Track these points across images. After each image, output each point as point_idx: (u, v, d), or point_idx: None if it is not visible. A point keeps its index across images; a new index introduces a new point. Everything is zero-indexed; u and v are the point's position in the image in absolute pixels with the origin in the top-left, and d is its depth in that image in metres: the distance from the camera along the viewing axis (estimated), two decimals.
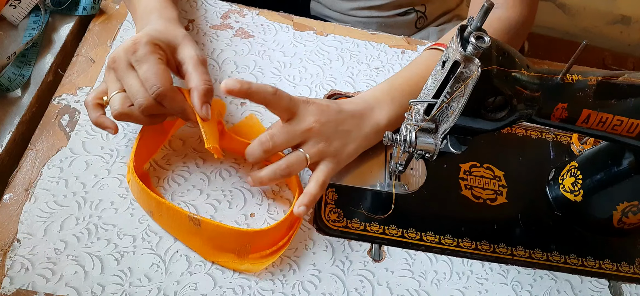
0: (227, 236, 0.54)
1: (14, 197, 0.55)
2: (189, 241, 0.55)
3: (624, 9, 1.66)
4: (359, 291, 0.55)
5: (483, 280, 0.58)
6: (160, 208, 0.55)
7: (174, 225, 0.55)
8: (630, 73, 0.51)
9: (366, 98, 0.62)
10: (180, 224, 0.55)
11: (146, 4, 0.62)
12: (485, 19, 0.45)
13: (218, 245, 0.55)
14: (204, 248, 0.55)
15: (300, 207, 0.55)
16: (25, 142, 0.60)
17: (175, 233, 0.55)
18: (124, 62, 0.53)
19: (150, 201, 0.55)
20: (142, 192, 0.55)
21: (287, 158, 0.57)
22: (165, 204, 0.54)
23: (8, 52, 0.64)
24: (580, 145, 0.70)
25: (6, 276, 0.50)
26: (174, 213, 0.54)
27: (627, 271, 0.61)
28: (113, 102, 0.54)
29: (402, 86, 0.63)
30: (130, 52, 0.53)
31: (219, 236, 0.54)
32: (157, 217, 0.56)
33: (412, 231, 0.60)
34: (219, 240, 0.54)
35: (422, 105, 0.53)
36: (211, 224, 0.54)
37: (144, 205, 0.56)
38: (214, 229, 0.54)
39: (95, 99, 0.56)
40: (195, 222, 0.53)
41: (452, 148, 0.53)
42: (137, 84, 0.53)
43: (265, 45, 0.73)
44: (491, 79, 0.48)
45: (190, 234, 0.55)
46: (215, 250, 0.55)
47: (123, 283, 0.52)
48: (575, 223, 0.64)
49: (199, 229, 0.54)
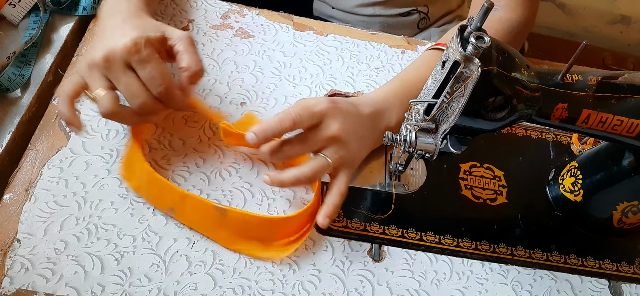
0: (253, 224, 0.55)
1: (14, 197, 0.55)
2: (213, 232, 0.56)
3: (624, 9, 1.66)
4: (359, 291, 0.55)
5: (483, 280, 0.58)
6: (185, 202, 0.55)
7: (199, 218, 0.56)
8: (630, 73, 0.51)
9: (377, 101, 0.62)
10: (205, 216, 0.55)
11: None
12: (485, 19, 0.45)
13: (243, 234, 0.55)
14: (229, 238, 0.55)
15: (325, 218, 0.56)
16: (25, 142, 0.60)
17: (199, 227, 0.56)
18: (121, 63, 0.52)
19: (173, 196, 0.55)
20: (165, 188, 0.55)
21: (311, 164, 0.57)
22: (191, 196, 0.55)
23: (8, 52, 0.64)
24: (580, 145, 0.70)
25: (6, 276, 0.50)
26: (200, 205, 0.55)
27: (627, 271, 0.61)
28: (104, 100, 0.53)
29: (411, 89, 0.63)
30: (131, 53, 0.52)
31: (244, 225, 0.55)
32: (179, 212, 0.56)
33: (412, 231, 0.60)
34: (245, 229, 0.55)
35: (422, 105, 0.53)
36: (237, 213, 0.55)
37: (163, 202, 0.56)
38: (241, 217, 0.55)
39: (73, 95, 0.55)
40: (221, 212, 0.54)
41: (452, 148, 0.53)
42: (137, 84, 0.53)
43: (265, 45, 0.73)
44: (491, 79, 0.48)
45: (215, 225, 0.55)
46: (240, 238, 0.55)
47: (123, 283, 0.52)
48: (575, 223, 0.64)
49: (224, 219, 0.55)
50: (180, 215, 0.56)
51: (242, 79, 0.69)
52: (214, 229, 0.56)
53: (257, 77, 0.70)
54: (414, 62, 0.68)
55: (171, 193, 0.56)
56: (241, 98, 0.67)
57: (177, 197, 0.56)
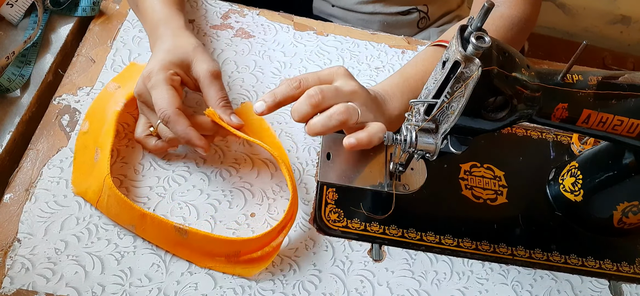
0: (215, 244, 0.54)
1: (14, 197, 0.55)
2: (177, 251, 0.54)
3: (624, 9, 1.66)
4: (359, 291, 0.55)
5: (483, 280, 0.58)
6: (145, 221, 0.54)
7: (160, 237, 0.54)
8: (631, 73, 0.51)
9: (379, 91, 0.62)
10: (166, 235, 0.54)
11: (154, 13, 0.63)
12: (486, 19, 0.45)
13: (207, 253, 0.54)
14: (194, 256, 0.54)
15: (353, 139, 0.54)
16: (25, 142, 0.60)
17: (161, 244, 0.55)
18: (146, 92, 0.56)
19: (133, 214, 0.54)
20: (124, 205, 0.53)
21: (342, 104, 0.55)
22: (150, 216, 0.54)
23: (8, 52, 0.64)
24: (581, 145, 0.70)
25: (6, 276, 0.50)
26: (160, 224, 0.54)
27: (628, 271, 0.61)
28: (162, 131, 0.57)
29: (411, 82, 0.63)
30: (147, 80, 0.55)
31: (206, 245, 0.54)
32: (140, 230, 0.54)
33: (412, 231, 0.60)
34: (207, 248, 0.54)
35: (423, 105, 0.53)
36: (198, 234, 0.53)
37: (124, 219, 0.55)
38: (201, 238, 0.54)
39: (144, 132, 0.59)
40: (181, 233, 0.53)
41: (452, 148, 0.53)
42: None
43: (265, 45, 0.73)
44: (491, 79, 0.48)
45: (177, 245, 0.54)
46: (204, 257, 0.54)
47: (123, 283, 0.52)
48: (576, 223, 0.64)
49: (186, 239, 0.53)
50: (141, 233, 0.55)
51: (243, 79, 0.69)
52: (178, 248, 0.54)
53: (257, 77, 0.70)
54: (415, 57, 0.67)
55: (131, 212, 0.54)
56: (241, 98, 0.67)
57: (137, 215, 0.54)
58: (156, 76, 0.55)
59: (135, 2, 0.68)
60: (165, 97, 0.54)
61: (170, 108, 0.54)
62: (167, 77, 0.55)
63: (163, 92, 0.54)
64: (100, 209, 0.55)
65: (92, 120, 0.60)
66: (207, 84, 0.57)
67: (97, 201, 0.55)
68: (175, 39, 0.59)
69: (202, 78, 0.57)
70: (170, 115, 0.54)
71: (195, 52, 0.58)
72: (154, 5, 0.63)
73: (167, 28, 0.60)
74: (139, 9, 0.67)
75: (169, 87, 0.55)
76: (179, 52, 0.58)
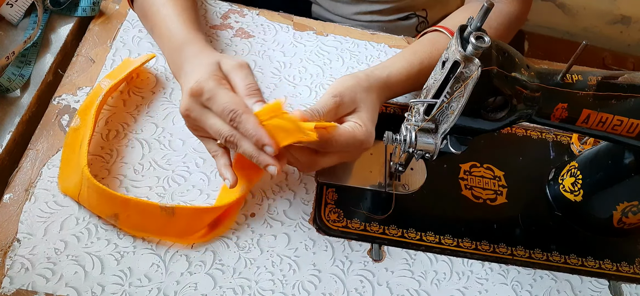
0: (202, 215, 0.55)
1: (14, 197, 0.55)
2: (163, 233, 0.55)
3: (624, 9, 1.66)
4: (359, 291, 0.55)
5: (483, 280, 0.58)
6: (128, 207, 0.53)
7: (146, 222, 0.54)
8: (630, 73, 0.51)
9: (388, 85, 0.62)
10: (152, 219, 0.54)
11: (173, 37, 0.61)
12: (485, 19, 0.45)
13: (194, 227, 0.55)
14: (180, 235, 0.55)
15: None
16: (25, 142, 0.60)
17: (146, 230, 0.55)
18: (198, 108, 0.53)
19: (114, 202, 0.53)
20: (103, 194, 0.53)
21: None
22: (134, 200, 0.54)
23: (8, 52, 0.64)
24: (580, 145, 0.70)
25: (6, 276, 0.50)
26: (144, 208, 0.54)
27: (627, 271, 0.61)
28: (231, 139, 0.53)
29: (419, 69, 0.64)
30: (198, 95, 0.52)
31: (194, 217, 0.55)
32: (124, 219, 0.54)
33: (412, 231, 0.60)
34: (195, 221, 0.55)
35: (422, 105, 0.53)
36: (185, 209, 0.54)
37: (105, 210, 0.54)
38: (189, 213, 0.54)
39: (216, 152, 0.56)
40: (168, 212, 0.53)
41: (452, 148, 0.53)
42: (217, 121, 0.53)
43: (265, 45, 0.73)
44: (491, 79, 0.48)
45: (163, 226, 0.54)
46: (190, 232, 0.55)
47: (123, 283, 0.52)
48: (575, 223, 0.64)
49: (172, 217, 0.54)
50: (124, 222, 0.54)
51: None
52: (164, 229, 0.55)
53: (257, 77, 0.70)
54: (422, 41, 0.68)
55: (112, 200, 0.53)
56: None
57: (119, 202, 0.53)
58: (209, 84, 0.52)
59: (150, 27, 0.67)
60: (230, 95, 0.52)
61: (240, 105, 0.51)
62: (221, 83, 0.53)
63: (227, 94, 0.52)
64: (82, 203, 0.55)
65: (83, 117, 0.60)
66: (235, 73, 0.55)
67: (78, 194, 0.55)
68: (204, 54, 0.58)
69: (231, 70, 0.55)
70: (239, 112, 0.51)
71: (223, 56, 0.57)
72: (172, 28, 0.62)
73: (192, 49, 0.59)
74: (154, 33, 0.66)
75: (228, 89, 0.53)
76: (213, 61, 0.56)
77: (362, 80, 0.59)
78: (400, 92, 0.64)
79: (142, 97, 0.65)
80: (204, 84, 0.52)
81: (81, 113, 0.60)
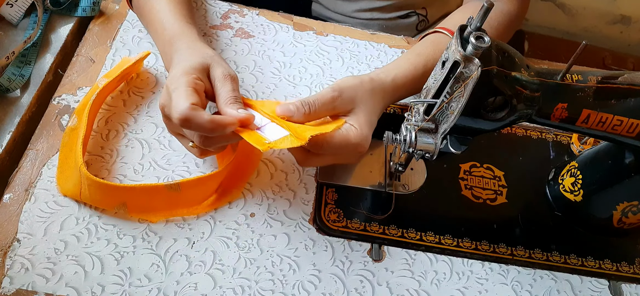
0: (206, 184, 0.57)
1: (14, 197, 0.55)
2: (173, 209, 0.56)
3: (624, 9, 1.66)
4: (359, 291, 0.55)
5: (483, 280, 0.58)
6: (134, 193, 0.54)
7: (154, 203, 0.55)
8: (630, 73, 0.51)
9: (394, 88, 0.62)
10: (160, 199, 0.55)
11: (166, 30, 0.61)
12: (485, 19, 0.45)
13: (201, 197, 0.57)
14: (189, 208, 0.56)
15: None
16: (25, 142, 0.60)
17: (156, 211, 0.56)
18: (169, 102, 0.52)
19: (119, 192, 0.54)
20: (107, 188, 0.54)
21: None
22: (139, 186, 0.55)
23: (8, 52, 0.64)
24: (580, 145, 0.70)
25: (6, 276, 0.50)
26: (150, 191, 0.55)
27: (627, 271, 0.61)
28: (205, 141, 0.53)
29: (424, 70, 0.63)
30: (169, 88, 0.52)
31: (200, 188, 0.56)
32: (132, 206, 0.55)
33: (412, 231, 0.60)
34: (201, 192, 0.56)
35: (422, 105, 0.53)
36: (190, 181, 0.56)
37: (111, 202, 0.55)
38: (194, 184, 0.56)
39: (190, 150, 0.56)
40: (174, 188, 0.54)
41: (452, 148, 0.53)
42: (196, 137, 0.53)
43: (265, 45, 0.73)
44: (491, 79, 0.48)
45: (172, 203, 0.56)
46: (198, 202, 0.57)
47: (123, 283, 0.52)
48: (575, 223, 0.64)
49: (179, 194, 0.55)
50: (133, 208, 0.55)
51: (242, 79, 0.69)
52: (172, 206, 0.56)
53: (257, 77, 0.70)
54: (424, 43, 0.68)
55: (117, 191, 0.54)
56: None
57: (125, 191, 0.54)
58: (178, 80, 0.52)
59: (146, 23, 0.67)
60: (182, 95, 0.50)
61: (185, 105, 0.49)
62: (189, 80, 0.52)
63: (181, 92, 0.51)
64: (85, 201, 0.55)
65: (79, 116, 0.60)
66: (221, 84, 0.54)
67: (80, 193, 0.55)
68: (193, 49, 0.58)
69: (217, 78, 0.54)
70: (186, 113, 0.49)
71: (214, 58, 0.56)
72: (165, 22, 0.62)
73: (182, 41, 0.59)
74: (149, 28, 0.66)
75: (189, 88, 0.52)
76: (198, 57, 0.56)
77: (365, 83, 0.58)
78: (405, 94, 0.64)
79: (142, 97, 0.65)
80: (171, 81, 0.52)
81: (78, 112, 0.61)
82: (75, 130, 0.59)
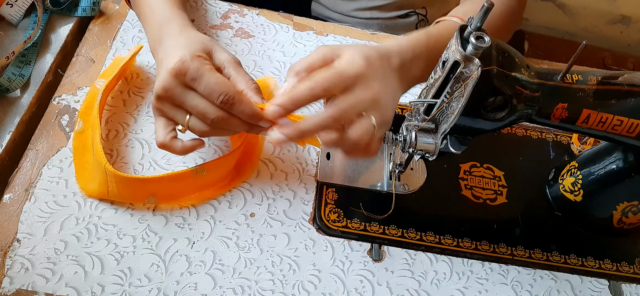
0: (226, 162, 0.59)
1: (14, 197, 0.55)
2: (202, 195, 0.58)
3: (624, 9, 1.66)
4: (359, 291, 0.55)
5: (483, 280, 0.58)
6: (163, 182, 0.56)
7: (184, 190, 0.57)
8: (631, 73, 0.51)
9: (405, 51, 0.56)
10: (187, 184, 0.57)
11: (154, 14, 0.60)
12: (485, 19, 0.45)
13: (224, 176, 0.60)
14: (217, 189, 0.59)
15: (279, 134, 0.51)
16: (25, 142, 0.60)
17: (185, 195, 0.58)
18: (179, 87, 0.51)
19: (149, 184, 0.56)
20: (135, 182, 0.56)
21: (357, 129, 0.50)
22: (167, 175, 0.57)
23: (8, 52, 0.64)
24: (580, 145, 0.70)
25: (6, 276, 0.51)
26: (179, 177, 0.57)
27: (627, 271, 0.61)
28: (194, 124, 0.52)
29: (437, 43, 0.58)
30: (181, 74, 0.50)
31: (223, 167, 0.59)
32: (162, 196, 0.57)
33: (412, 231, 0.60)
34: (223, 170, 0.59)
35: (422, 105, 0.53)
36: (213, 162, 0.58)
37: (141, 195, 0.56)
38: (217, 164, 0.58)
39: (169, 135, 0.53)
40: (200, 172, 0.57)
41: (452, 148, 0.53)
42: (203, 101, 0.51)
43: (265, 45, 0.73)
44: (491, 79, 0.48)
45: (199, 188, 0.58)
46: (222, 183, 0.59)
47: (123, 283, 0.52)
48: (575, 223, 0.64)
49: (205, 176, 0.57)
50: (163, 198, 0.57)
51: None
52: (200, 188, 0.58)
53: (257, 77, 0.70)
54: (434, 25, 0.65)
55: (146, 183, 0.56)
56: None
57: (153, 182, 0.56)
58: (194, 65, 0.50)
59: (139, 14, 0.66)
60: (220, 79, 0.50)
61: (232, 89, 0.49)
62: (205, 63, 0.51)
63: (214, 76, 0.50)
64: (113, 199, 0.56)
65: (85, 119, 0.60)
66: (236, 69, 0.54)
67: (107, 192, 0.55)
68: (187, 33, 0.56)
69: (230, 63, 0.54)
70: (234, 96, 0.49)
71: (212, 42, 0.55)
72: (154, 7, 0.61)
73: (172, 26, 0.58)
74: (141, 17, 0.65)
75: (214, 70, 0.51)
76: (197, 42, 0.54)
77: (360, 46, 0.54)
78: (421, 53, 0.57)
79: (142, 97, 0.65)
80: (189, 64, 0.50)
81: (82, 115, 0.61)
82: (85, 133, 0.60)
